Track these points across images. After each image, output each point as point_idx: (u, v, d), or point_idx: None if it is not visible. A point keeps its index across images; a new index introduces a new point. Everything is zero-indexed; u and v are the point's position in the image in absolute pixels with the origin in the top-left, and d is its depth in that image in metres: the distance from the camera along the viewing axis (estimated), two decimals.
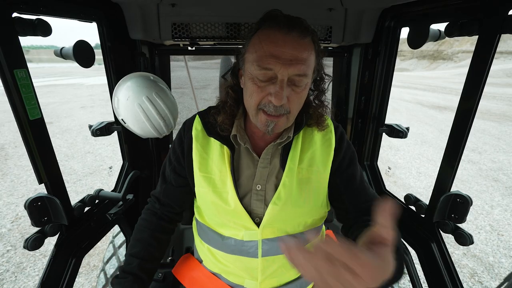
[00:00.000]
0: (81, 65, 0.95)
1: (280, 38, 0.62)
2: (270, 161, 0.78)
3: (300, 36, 0.63)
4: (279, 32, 0.63)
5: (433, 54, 52.17)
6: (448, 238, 0.93)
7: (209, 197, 0.78)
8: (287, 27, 0.62)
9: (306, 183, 0.77)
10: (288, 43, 0.62)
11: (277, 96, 0.63)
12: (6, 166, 4.23)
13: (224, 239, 0.81)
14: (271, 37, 0.63)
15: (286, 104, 0.66)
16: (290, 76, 0.63)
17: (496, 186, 3.77)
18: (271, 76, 0.64)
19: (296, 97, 0.67)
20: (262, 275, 0.79)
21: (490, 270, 2.32)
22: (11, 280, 2.13)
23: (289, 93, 0.65)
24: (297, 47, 0.62)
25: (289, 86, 0.65)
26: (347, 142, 0.83)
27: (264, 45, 0.63)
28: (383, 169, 4.31)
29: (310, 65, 0.65)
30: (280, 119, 0.68)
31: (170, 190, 0.88)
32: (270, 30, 0.64)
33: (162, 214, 0.90)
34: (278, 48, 0.62)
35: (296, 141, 0.79)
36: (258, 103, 0.67)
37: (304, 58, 0.63)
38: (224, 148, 0.78)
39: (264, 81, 0.65)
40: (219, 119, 0.77)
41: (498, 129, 6.58)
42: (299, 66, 0.62)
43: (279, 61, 0.61)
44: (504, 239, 2.72)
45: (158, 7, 1.10)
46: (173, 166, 0.86)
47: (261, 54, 0.63)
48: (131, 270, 0.80)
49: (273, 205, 0.75)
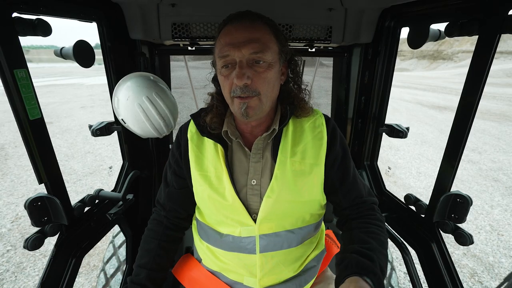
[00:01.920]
0: (81, 65, 0.95)
1: (232, 28, 0.70)
2: (262, 155, 0.80)
3: (250, 21, 0.70)
4: (231, 25, 0.71)
5: (433, 54, 52.17)
6: (448, 238, 0.93)
7: (206, 194, 0.80)
8: (236, 18, 0.71)
9: (300, 175, 0.78)
10: (239, 29, 0.70)
11: (237, 77, 0.68)
12: (6, 166, 4.24)
13: (222, 236, 0.82)
14: (227, 31, 0.71)
15: (251, 85, 0.70)
16: (247, 56, 0.69)
17: (496, 186, 3.77)
18: (230, 61, 0.70)
19: (260, 77, 0.70)
20: (261, 271, 0.80)
21: (490, 270, 2.32)
22: (11, 280, 2.13)
23: (251, 74, 0.69)
24: (248, 30, 0.69)
25: (251, 66, 0.70)
26: (340, 137, 0.85)
27: (221, 39, 0.71)
28: (383, 169, 4.32)
29: (266, 43, 0.70)
30: (251, 100, 0.71)
31: (173, 194, 0.90)
32: (226, 27, 0.72)
33: (168, 222, 0.91)
34: (231, 36, 0.69)
35: (285, 133, 0.81)
36: (229, 91, 0.72)
37: (257, 37, 0.69)
38: (217, 146, 0.80)
39: (227, 69, 0.71)
40: (208, 119, 0.81)
41: (498, 129, 6.58)
42: (252, 44, 0.68)
43: (232, 46, 0.69)
44: (504, 239, 2.72)
45: (158, 7, 1.10)
46: (173, 169, 0.89)
47: (220, 47, 0.71)
48: (139, 281, 0.82)
49: (267, 198, 0.76)
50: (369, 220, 0.80)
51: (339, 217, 0.89)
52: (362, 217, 0.82)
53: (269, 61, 0.71)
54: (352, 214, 0.84)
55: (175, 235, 0.93)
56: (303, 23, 1.17)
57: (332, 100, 1.67)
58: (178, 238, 0.94)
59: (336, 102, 1.63)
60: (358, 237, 0.75)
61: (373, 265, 0.66)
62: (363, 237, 0.75)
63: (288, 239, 0.80)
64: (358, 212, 0.83)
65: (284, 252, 0.80)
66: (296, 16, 1.14)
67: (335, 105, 1.65)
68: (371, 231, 0.76)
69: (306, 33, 1.19)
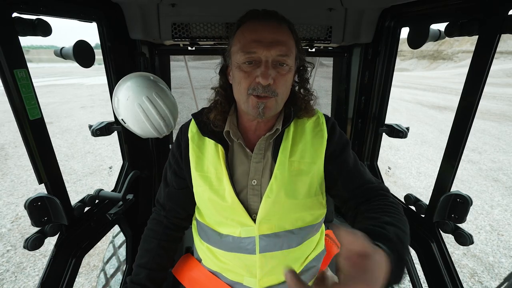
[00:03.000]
0: (81, 65, 0.95)
1: (259, 25, 0.70)
2: (263, 156, 0.80)
3: (277, 23, 0.71)
4: (259, 22, 0.70)
5: (433, 54, 52.16)
6: (448, 238, 0.93)
7: (207, 195, 0.80)
8: (265, 17, 0.71)
9: (298, 175, 0.77)
10: (267, 28, 0.69)
11: (263, 76, 0.68)
12: (6, 166, 4.24)
13: (222, 237, 0.82)
14: (252, 27, 0.70)
15: (273, 86, 0.70)
16: (273, 57, 0.69)
17: (496, 186, 3.77)
18: (256, 59, 0.69)
19: (282, 79, 0.71)
20: (261, 272, 0.80)
21: (490, 270, 2.32)
22: (11, 280, 2.13)
23: (274, 75, 0.69)
24: (276, 31, 0.69)
25: (274, 68, 0.70)
26: (339, 132, 0.85)
27: (246, 34, 0.70)
28: (383, 169, 4.32)
29: (290, 48, 0.71)
30: (269, 100, 0.71)
31: (173, 194, 0.90)
32: (250, 22, 0.71)
33: (168, 222, 0.91)
34: (259, 34, 0.69)
35: (287, 133, 0.81)
36: (247, 87, 0.71)
37: (284, 40, 0.70)
38: (218, 146, 0.80)
39: (250, 66, 0.70)
40: (211, 116, 0.81)
41: (498, 129, 6.58)
42: (280, 47, 0.68)
43: (261, 44, 0.68)
44: (504, 239, 2.72)
45: (158, 7, 1.10)
46: (173, 169, 0.89)
47: (245, 42, 0.70)
48: (139, 281, 0.82)
49: (266, 198, 0.76)
50: (380, 203, 0.71)
51: (346, 212, 0.82)
52: (373, 202, 0.73)
53: (290, 65, 0.72)
54: (358, 203, 0.76)
55: (175, 234, 0.93)
56: (303, 23, 1.17)
57: (332, 100, 1.67)
58: (178, 238, 0.94)
59: (336, 102, 1.63)
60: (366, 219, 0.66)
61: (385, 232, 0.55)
62: (373, 216, 0.65)
63: (288, 240, 0.80)
64: (365, 198, 0.76)
65: (284, 253, 0.80)
66: (296, 16, 1.14)
67: (335, 105, 1.65)
68: (384, 209, 0.67)
69: (306, 33, 1.19)
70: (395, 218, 0.63)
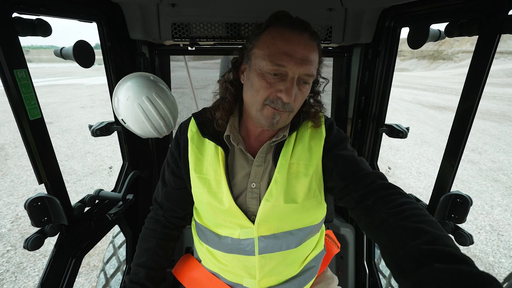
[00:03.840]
0: (81, 65, 0.95)
1: (294, 37, 0.65)
2: (264, 159, 0.79)
3: (310, 38, 0.67)
4: (293, 32, 0.66)
5: (433, 54, 52.16)
6: None
7: (205, 197, 0.79)
8: (300, 28, 0.66)
9: (296, 177, 0.77)
10: (301, 43, 0.65)
11: (287, 93, 0.66)
12: (6, 166, 4.24)
13: (221, 238, 0.81)
14: (285, 35, 0.65)
15: (292, 102, 0.69)
16: (300, 75, 0.67)
17: (496, 186, 3.77)
18: (282, 72, 0.66)
19: (301, 96, 0.71)
20: (260, 273, 0.79)
21: (490, 270, 2.31)
22: (11, 280, 2.13)
23: (296, 92, 0.68)
24: (308, 48, 0.66)
25: (297, 84, 0.68)
26: (336, 130, 0.84)
27: (277, 42, 0.65)
28: (383, 169, 4.32)
29: (316, 66, 0.70)
30: (284, 114, 0.71)
31: (171, 193, 0.89)
32: (284, 29, 0.66)
33: (166, 221, 0.91)
34: (292, 47, 0.65)
35: (289, 138, 0.80)
36: (265, 98, 0.69)
37: (313, 59, 0.67)
38: (218, 148, 0.78)
39: (275, 77, 0.67)
40: (218, 115, 0.79)
41: (498, 129, 6.58)
42: (309, 66, 0.66)
43: (292, 59, 0.64)
44: (504, 239, 2.72)
45: (158, 7, 1.10)
46: (171, 168, 0.87)
47: (275, 50, 0.65)
48: (138, 280, 0.82)
49: (266, 201, 0.75)
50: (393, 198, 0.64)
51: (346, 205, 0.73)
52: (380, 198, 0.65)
53: (311, 83, 0.72)
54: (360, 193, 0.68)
55: (173, 233, 0.92)
56: None
57: (332, 100, 1.67)
58: (176, 237, 0.94)
59: (336, 102, 1.63)
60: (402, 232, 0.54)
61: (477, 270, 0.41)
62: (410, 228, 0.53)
63: (287, 241, 0.79)
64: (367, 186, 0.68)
65: (283, 254, 0.80)
66: (296, 16, 1.14)
67: (335, 105, 1.65)
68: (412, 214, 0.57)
69: None
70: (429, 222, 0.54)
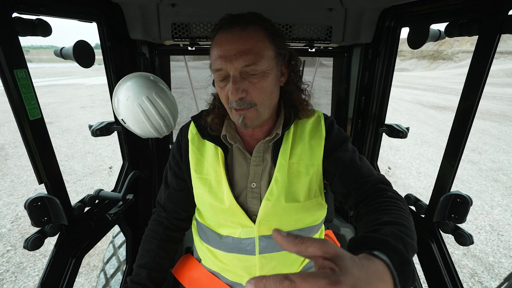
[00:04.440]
0: (81, 65, 0.95)
1: (223, 38, 0.66)
2: (262, 159, 0.79)
3: (240, 29, 0.65)
4: (222, 34, 0.67)
5: (433, 54, 52.15)
6: (448, 238, 0.93)
7: (206, 198, 0.80)
8: (227, 26, 0.66)
9: (297, 177, 0.77)
10: (229, 39, 0.65)
11: (231, 93, 0.66)
12: (6, 166, 4.24)
13: (222, 238, 0.82)
14: (217, 41, 0.68)
15: (247, 97, 0.68)
16: (240, 69, 0.66)
17: (496, 186, 3.77)
18: (225, 75, 0.68)
19: (256, 88, 0.68)
20: (261, 272, 0.80)
21: (490, 270, 2.32)
22: (11, 280, 2.13)
23: (246, 86, 0.67)
24: (238, 40, 0.65)
25: (245, 78, 0.67)
26: (337, 129, 0.84)
27: (214, 50, 0.68)
28: (383, 169, 4.33)
29: (259, 52, 0.65)
30: (248, 112, 0.70)
31: (173, 195, 0.90)
32: (217, 35, 0.68)
33: (168, 223, 0.91)
34: (223, 48, 0.66)
35: (287, 136, 0.80)
36: (226, 102, 0.71)
37: (248, 48, 0.65)
38: (218, 149, 0.80)
39: (222, 81, 0.69)
40: (209, 119, 0.80)
41: (498, 129, 6.58)
42: (244, 57, 0.64)
43: (224, 59, 0.65)
44: (504, 239, 2.72)
45: (158, 7, 1.10)
46: (174, 170, 0.89)
47: (213, 59, 0.69)
48: (140, 280, 0.82)
49: (266, 201, 0.75)
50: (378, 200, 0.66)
51: (348, 209, 0.77)
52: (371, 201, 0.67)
53: (264, 69, 0.67)
54: (358, 199, 0.71)
55: (176, 235, 0.93)
56: (303, 23, 1.17)
57: (332, 100, 1.67)
58: (178, 239, 0.94)
59: (336, 102, 1.63)
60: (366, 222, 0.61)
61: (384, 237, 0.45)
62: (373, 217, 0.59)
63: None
64: (364, 194, 0.70)
65: (284, 254, 0.80)
66: (296, 16, 1.14)
67: (335, 105, 1.65)
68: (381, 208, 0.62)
69: (306, 33, 1.19)
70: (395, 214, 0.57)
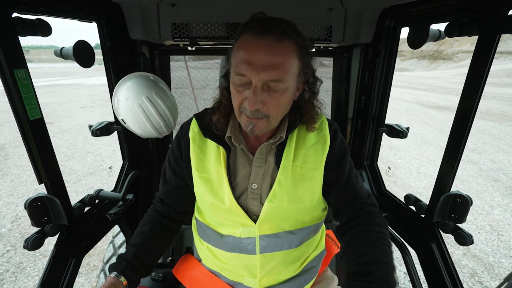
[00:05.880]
0: (81, 65, 0.95)
1: (253, 44, 0.63)
2: (265, 160, 0.79)
3: (275, 40, 0.62)
4: (254, 38, 0.63)
5: (433, 54, 52.12)
6: (448, 238, 0.93)
7: (207, 197, 0.80)
8: (262, 32, 0.62)
9: (301, 180, 0.77)
10: (261, 48, 0.62)
11: (250, 102, 0.65)
12: (6, 166, 4.23)
13: (222, 237, 0.82)
14: (246, 44, 0.64)
15: (263, 109, 0.67)
16: (265, 81, 0.64)
17: (496, 186, 3.77)
18: (246, 81, 0.65)
19: (274, 101, 0.67)
20: (261, 272, 0.80)
21: (490, 270, 2.31)
22: (11, 280, 2.13)
23: (265, 98, 0.66)
24: (271, 52, 0.62)
25: (266, 91, 0.65)
26: (340, 139, 0.84)
27: (240, 52, 0.65)
28: (383, 169, 4.32)
29: (287, 69, 0.64)
30: (259, 121, 0.69)
31: (171, 192, 0.90)
32: (247, 37, 0.64)
33: (164, 212, 0.92)
34: (251, 54, 0.63)
35: (290, 139, 0.79)
36: (239, 106, 0.70)
37: (278, 63, 0.63)
38: (220, 148, 0.79)
39: (241, 86, 0.67)
40: (215, 118, 0.79)
41: (498, 129, 6.58)
42: (272, 72, 0.62)
43: (251, 67, 0.62)
44: (504, 239, 2.71)
45: (158, 7, 1.10)
46: (173, 168, 0.88)
47: (237, 60, 0.65)
48: (126, 257, 0.82)
49: (269, 202, 0.75)
50: (367, 228, 0.77)
51: (338, 220, 0.87)
52: (360, 224, 0.78)
53: (286, 86, 0.66)
54: (349, 218, 0.81)
55: (169, 224, 0.92)
56: (303, 23, 1.17)
57: (332, 100, 1.67)
58: (172, 228, 0.93)
59: (336, 102, 1.63)
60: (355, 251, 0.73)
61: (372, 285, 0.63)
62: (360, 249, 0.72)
63: (288, 240, 0.80)
64: (355, 215, 0.81)
65: (284, 253, 0.80)
66: (296, 16, 1.14)
67: (335, 105, 1.65)
68: (370, 240, 0.73)
69: (306, 33, 1.19)
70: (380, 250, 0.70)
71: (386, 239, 0.74)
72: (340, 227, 0.85)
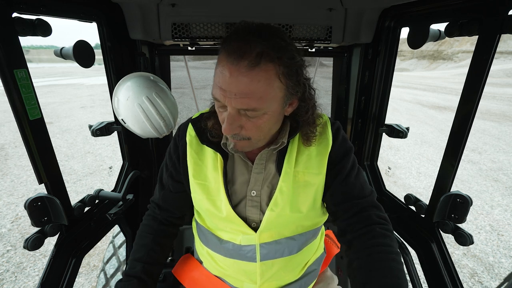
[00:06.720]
0: (81, 65, 0.95)
1: (226, 69, 0.57)
2: (264, 166, 0.76)
3: (248, 66, 0.55)
4: (227, 62, 0.57)
5: (433, 54, 52.10)
6: (448, 238, 0.93)
7: (204, 204, 0.78)
8: (237, 54, 0.56)
9: (304, 186, 0.74)
10: (234, 75, 0.56)
11: (225, 128, 0.63)
12: (6, 166, 4.23)
13: (222, 242, 0.80)
14: (221, 66, 0.59)
15: (241, 132, 0.64)
16: (239, 108, 0.60)
17: (496, 186, 3.77)
18: (223, 105, 0.62)
19: (253, 125, 0.63)
20: (261, 278, 0.79)
21: (490, 270, 2.31)
22: (11, 280, 2.13)
23: (243, 122, 0.63)
24: (243, 80, 0.56)
25: (243, 115, 0.62)
26: (342, 137, 0.80)
27: (217, 72, 0.61)
28: (383, 169, 4.32)
29: (263, 97, 0.58)
30: (240, 142, 0.67)
31: (168, 196, 0.88)
32: (223, 56, 0.58)
33: (162, 219, 0.90)
34: (224, 80, 0.58)
35: (292, 144, 0.76)
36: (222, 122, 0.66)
37: (252, 91, 0.57)
38: (217, 155, 0.76)
39: (220, 107, 0.65)
40: (210, 124, 0.75)
41: (498, 129, 6.58)
42: (244, 100, 0.58)
43: (224, 94, 0.59)
44: (504, 239, 2.71)
45: (158, 7, 1.10)
46: (170, 172, 0.86)
47: (215, 81, 0.61)
48: (135, 273, 0.80)
49: (270, 211, 0.73)
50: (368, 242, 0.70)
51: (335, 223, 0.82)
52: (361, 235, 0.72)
53: (265, 111, 0.61)
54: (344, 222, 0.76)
55: (170, 230, 0.91)
56: (303, 23, 1.17)
57: (332, 100, 1.67)
58: (173, 234, 0.93)
59: (336, 102, 1.63)
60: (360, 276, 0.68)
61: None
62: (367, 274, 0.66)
63: (289, 246, 0.79)
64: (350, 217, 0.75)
65: (285, 259, 0.79)
66: (296, 16, 1.14)
67: (335, 105, 1.65)
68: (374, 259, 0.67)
69: (306, 33, 1.19)
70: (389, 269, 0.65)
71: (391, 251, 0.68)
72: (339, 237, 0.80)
